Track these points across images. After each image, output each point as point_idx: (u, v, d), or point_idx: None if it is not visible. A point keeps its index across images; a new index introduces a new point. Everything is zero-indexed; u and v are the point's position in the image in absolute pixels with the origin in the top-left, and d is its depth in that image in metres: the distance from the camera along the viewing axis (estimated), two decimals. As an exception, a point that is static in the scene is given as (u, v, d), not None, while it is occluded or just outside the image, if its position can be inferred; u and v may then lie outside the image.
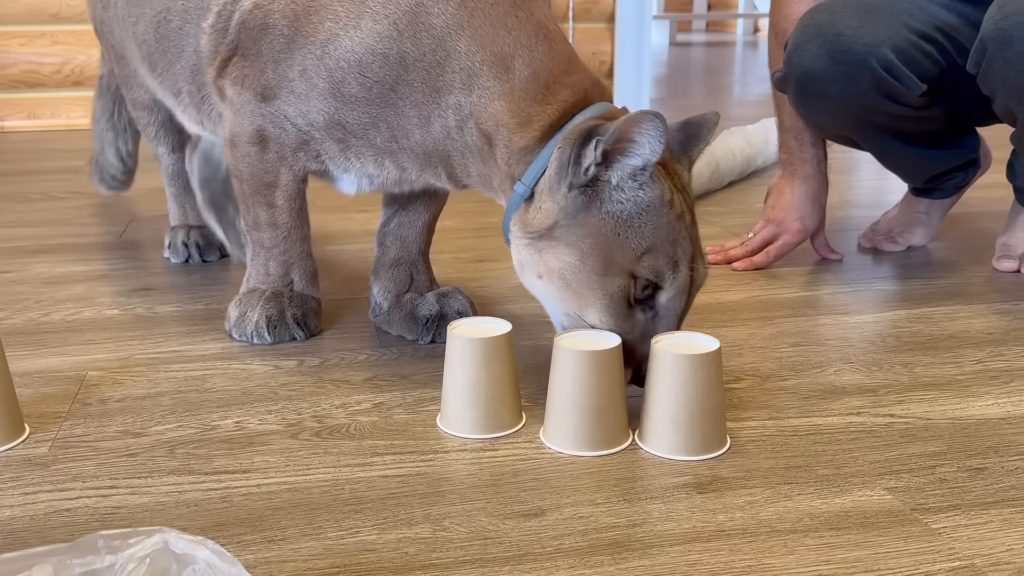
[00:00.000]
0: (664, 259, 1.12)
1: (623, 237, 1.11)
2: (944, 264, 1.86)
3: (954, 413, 1.21)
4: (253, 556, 0.91)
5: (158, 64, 1.52)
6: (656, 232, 1.12)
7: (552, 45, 1.21)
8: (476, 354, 1.14)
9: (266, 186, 1.37)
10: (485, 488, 1.04)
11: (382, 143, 1.27)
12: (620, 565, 0.90)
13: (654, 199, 1.12)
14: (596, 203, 1.12)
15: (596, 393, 1.09)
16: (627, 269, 1.11)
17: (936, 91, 1.65)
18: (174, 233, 1.85)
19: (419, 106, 1.22)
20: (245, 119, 1.33)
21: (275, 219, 1.39)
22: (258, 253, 1.43)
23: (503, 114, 1.18)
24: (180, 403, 1.24)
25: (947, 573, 0.89)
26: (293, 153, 1.33)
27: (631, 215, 1.11)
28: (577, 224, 1.12)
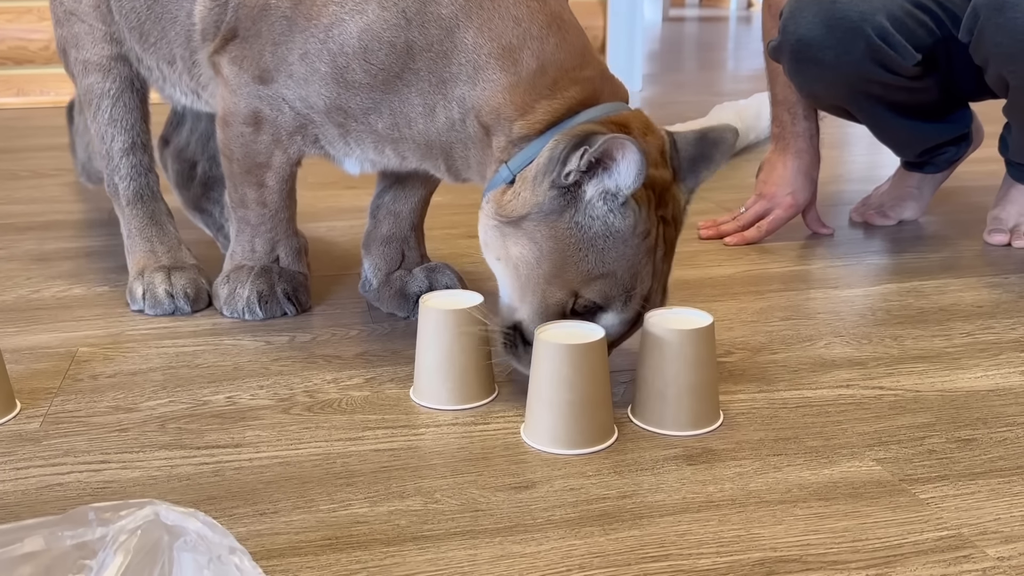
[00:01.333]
0: (618, 289, 1.10)
1: (583, 254, 1.09)
2: (935, 238, 1.86)
3: (943, 385, 1.21)
4: (245, 529, 0.92)
5: (151, 33, 1.45)
6: (618, 261, 1.09)
7: (564, 37, 1.17)
8: (448, 327, 1.14)
9: (257, 167, 1.34)
10: (476, 461, 1.04)
11: (383, 130, 1.24)
12: (610, 536, 0.91)
13: (624, 228, 1.09)
14: (570, 210, 1.09)
15: (577, 389, 1.05)
16: (574, 288, 1.10)
17: (930, 61, 1.65)
18: (148, 280, 1.46)
19: (424, 95, 1.19)
20: (241, 100, 1.30)
21: (264, 198, 1.37)
22: (243, 230, 1.41)
23: (505, 106, 1.15)
24: (171, 379, 1.24)
25: (935, 542, 0.90)
26: (289, 136, 1.30)
27: (597, 236, 1.09)
28: (546, 224, 1.10)
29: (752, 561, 0.87)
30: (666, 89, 4.01)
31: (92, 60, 1.51)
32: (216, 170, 1.69)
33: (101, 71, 1.50)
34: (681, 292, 1.54)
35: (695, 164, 1.17)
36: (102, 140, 1.52)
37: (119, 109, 1.51)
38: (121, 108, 1.51)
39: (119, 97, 1.51)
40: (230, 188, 1.40)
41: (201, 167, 1.70)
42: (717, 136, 1.18)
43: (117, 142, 1.51)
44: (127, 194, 1.53)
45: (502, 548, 0.89)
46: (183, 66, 1.45)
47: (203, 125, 1.68)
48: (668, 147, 1.16)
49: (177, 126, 1.72)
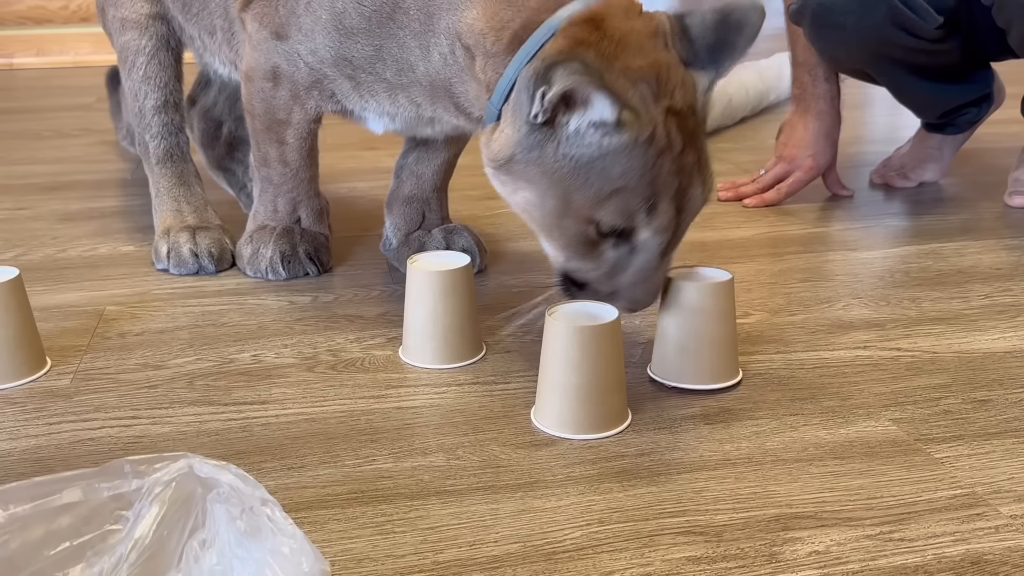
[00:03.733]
0: (637, 200, 1.00)
1: (583, 180, 1.01)
2: (955, 200, 1.85)
3: (960, 347, 1.22)
4: (273, 482, 0.94)
5: (193, 4, 1.47)
6: (626, 175, 0.99)
7: None
8: (434, 287, 1.15)
9: (278, 123, 1.35)
10: (497, 419, 1.06)
11: (392, 77, 1.23)
12: (628, 492, 0.93)
13: (624, 143, 0.99)
14: (552, 143, 1.01)
15: (585, 372, 1.00)
16: (586, 215, 1.02)
17: (952, 24, 1.63)
18: (174, 239, 1.48)
19: (418, 36, 1.18)
20: (261, 55, 1.31)
21: (285, 156, 1.38)
22: (266, 189, 1.42)
23: (479, 21, 1.11)
24: (198, 337, 1.26)
25: (948, 500, 0.91)
26: (306, 91, 1.31)
27: (593, 159, 1.00)
28: (533, 162, 1.03)
29: (768, 517, 0.89)
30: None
31: (130, 18, 1.53)
32: (241, 131, 1.71)
33: (138, 28, 1.52)
34: (699, 254, 1.54)
35: (715, 51, 1.05)
36: (135, 97, 1.55)
37: (154, 66, 1.53)
38: (156, 66, 1.53)
39: (154, 55, 1.52)
40: (253, 147, 1.41)
41: (227, 127, 1.72)
42: (740, 18, 1.05)
43: (150, 99, 1.53)
44: (157, 153, 1.55)
45: (523, 503, 0.91)
46: (223, 36, 1.46)
47: (231, 87, 1.69)
48: (669, 29, 1.05)
49: (205, 86, 1.74)
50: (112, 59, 1.69)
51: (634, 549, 0.85)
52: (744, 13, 1.05)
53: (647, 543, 0.85)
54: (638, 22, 1.05)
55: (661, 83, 1.01)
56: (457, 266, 1.17)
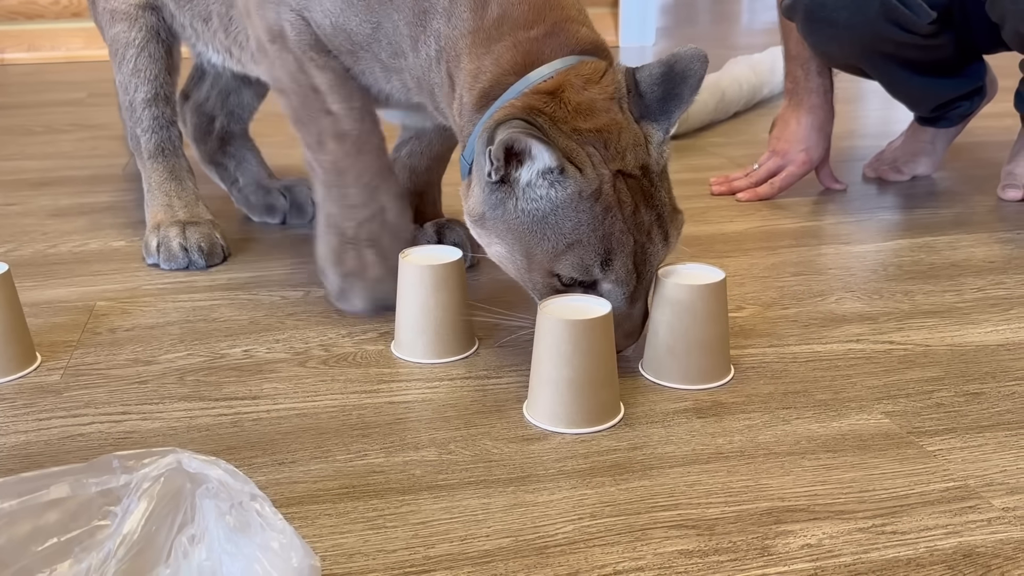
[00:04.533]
0: (591, 255, 1.04)
1: (540, 235, 1.05)
2: (948, 193, 1.85)
3: (953, 340, 1.22)
4: (264, 478, 0.94)
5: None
6: (577, 229, 1.03)
7: None
8: (425, 281, 1.15)
9: (312, 90, 1.23)
10: (489, 414, 1.06)
11: (387, 59, 1.20)
12: (621, 486, 0.93)
13: (570, 196, 1.03)
14: (512, 199, 1.05)
15: (577, 366, 1.00)
16: (548, 268, 1.06)
17: (945, 19, 1.63)
18: (164, 234, 1.47)
19: (410, 25, 1.15)
20: (257, 17, 1.26)
21: (338, 128, 1.23)
22: (332, 182, 1.25)
23: (464, 57, 1.11)
24: (188, 332, 1.25)
25: (941, 493, 0.91)
26: (314, 49, 1.22)
27: (546, 214, 1.04)
28: (500, 219, 1.07)
29: (760, 510, 0.89)
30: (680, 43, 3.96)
31: (119, 9, 1.50)
32: (233, 126, 1.70)
33: (128, 20, 1.50)
34: (693, 247, 1.54)
35: (664, 103, 1.08)
36: (125, 90, 1.53)
37: (144, 59, 1.50)
38: (146, 58, 1.50)
39: (144, 47, 1.50)
40: (302, 133, 1.26)
41: (219, 122, 1.70)
42: (683, 68, 1.07)
43: (140, 92, 1.51)
44: (148, 147, 1.54)
45: (515, 497, 0.91)
46: (219, 22, 1.42)
47: (224, 81, 1.68)
48: (625, 89, 1.08)
49: (198, 81, 1.72)
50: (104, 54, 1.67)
51: (626, 543, 0.84)
52: (687, 63, 1.07)
53: (639, 537, 0.85)
54: (595, 90, 1.07)
55: (610, 146, 1.05)
56: (449, 260, 1.16)
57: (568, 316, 1.01)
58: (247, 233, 1.63)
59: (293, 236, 1.61)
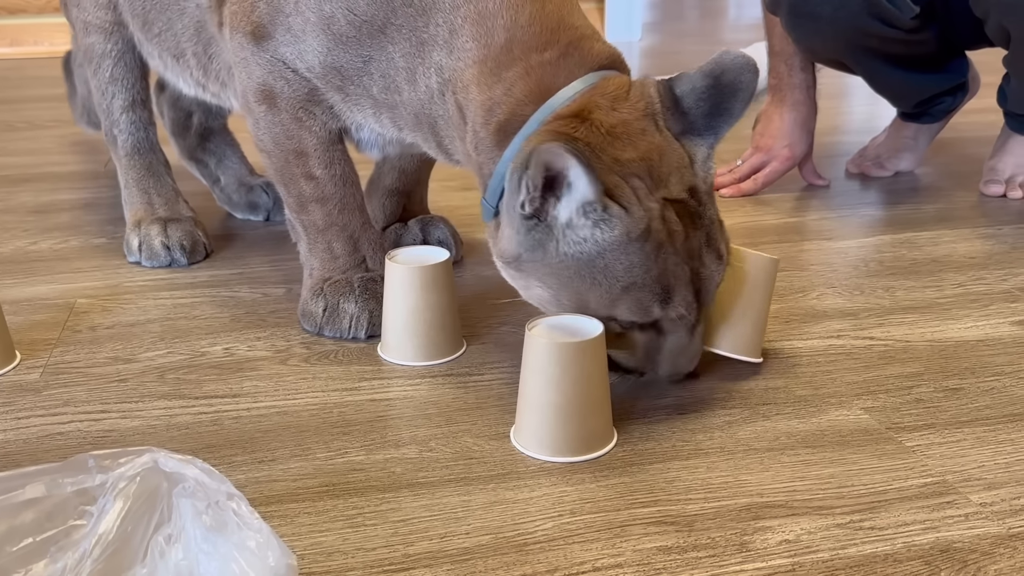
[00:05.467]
0: (649, 296, 0.97)
1: (590, 280, 0.98)
2: (931, 189, 1.86)
3: (933, 335, 1.23)
4: (244, 476, 0.93)
5: (155, 22, 1.38)
6: (630, 272, 0.97)
7: (543, 8, 1.05)
8: (415, 283, 1.14)
9: (296, 156, 1.21)
10: (471, 411, 1.06)
11: (378, 94, 1.15)
12: (600, 482, 0.93)
13: (618, 238, 0.96)
14: (552, 242, 0.98)
15: (564, 391, 0.95)
16: (603, 314, 0.99)
17: (928, 14, 1.64)
18: (145, 231, 1.47)
19: (407, 57, 1.10)
20: (245, 73, 1.21)
21: (321, 192, 1.22)
22: (315, 239, 1.25)
23: (473, 85, 1.05)
24: (169, 330, 1.25)
25: (919, 488, 0.91)
26: (305, 110, 1.19)
27: (593, 257, 0.97)
28: (539, 262, 0.99)
29: (739, 506, 0.89)
30: (666, 38, 3.98)
31: (92, 22, 1.48)
32: (211, 121, 1.68)
33: (102, 33, 1.47)
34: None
35: (711, 118, 1.02)
36: (103, 95, 1.51)
37: (120, 68, 1.49)
38: (122, 68, 1.49)
39: (120, 58, 1.48)
40: (283, 193, 1.25)
41: (197, 117, 1.69)
42: (732, 80, 1.00)
43: (118, 99, 1.50)
44: (125, 147, 1.52)
45: (495, 494, 0.91)
46: (196, 62, 1.36)
47: None
48: (660, 106, 1.02)
49: None
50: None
51: (605, 539, 0.85)
52: (736, 75, 1.00)
53: (618, 533, 0.85)
54: (625, 110, 1.01)
55: (654, 175, 0.99)
56: (437, 261, 1.16)
57: (557, 338, 0.96)
58: (229, 229, 1.62)
59: (276, 233, 1.60)
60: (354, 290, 1.23)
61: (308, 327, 1.24)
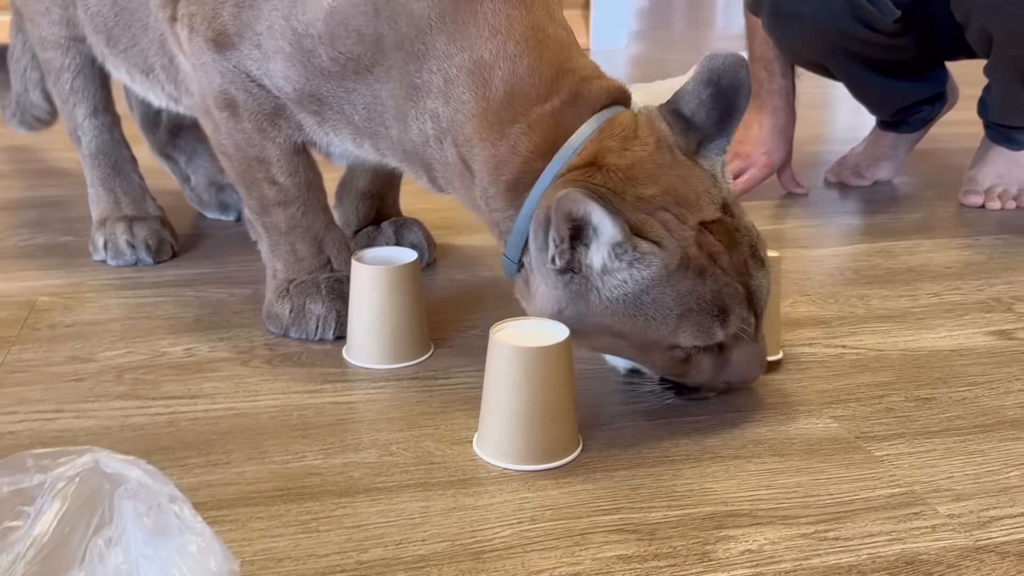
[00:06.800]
0: (706, 318, 0.96)
1: (644, 319, 0.96)
2: (910, 199, 1.85)
3: (906, 344, 1.21)
4: (196, 479, 0.91)
5: (120, 39, 1.34)
6: (681, 299, 0.95)
7: (541, 56, 1.02)
8: (380, 284, 1.12)
9: (258, 161, 1.17)
10: (434, 415, 1.04)
11: (361, 123, 1.11)
12: (563, 489, 0.91)
13: (657, 273, 0.95)
14: (592, 291, 0.97)
15: (526, 397, 0.92)
16: (666, 344, 0.98)
17: (909, 18, 1.64)
18: (110, 230, 1.45)
19: (397, 99, 1.07)
20: (204, 78, 1.16)
21: (284, 197, 1.19)
22: (278, 242, 1.22)
23: (476, 140, 1.03)
24: (131, 329, 1.22)
25: (886, 499, 0.90)
26: (271, 122, 1.15)
27: (638, 296, 0.95)
28: (583, 315, 0.98)
29: (703, 515, 0.87)
30: (652, 46, 3.98)
31: (48, 38, 1.45)
32: (181, 117, 1.66)
33: (59, 49, 1.45)
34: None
35: (722, 122, 1.01)
36: (64, 103, 1.49)
37: (80, 80, 1.46)
38: (82, 79, 1.46)
39: (79, 71, 1.46)
40: (244, 195, 1.23)
41: (166, 113, 1.66)
42: (731, 80, 1.00)
43: (80, 108, 1.48)
44: (89, 147, 1.50)
45: (455, 500, 0.89)
46: (165, 75, 1.33)
47: None
48: (669, 131, 1.01)
49: None
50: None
51: (565, 548, 0.83)
52: (732, 74, 1.00)
53: (578, 541, 0.83)
54: (637, 146, 1.00)
55: (682, 203, 0.97)
56: (404, 262, 1.14)
57: (520, 342, 0.93)
58: (199, 228, 1.60)
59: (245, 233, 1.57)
60: (320, 291, 1.21)
61: (273, 329, 1.22)
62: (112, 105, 1.52)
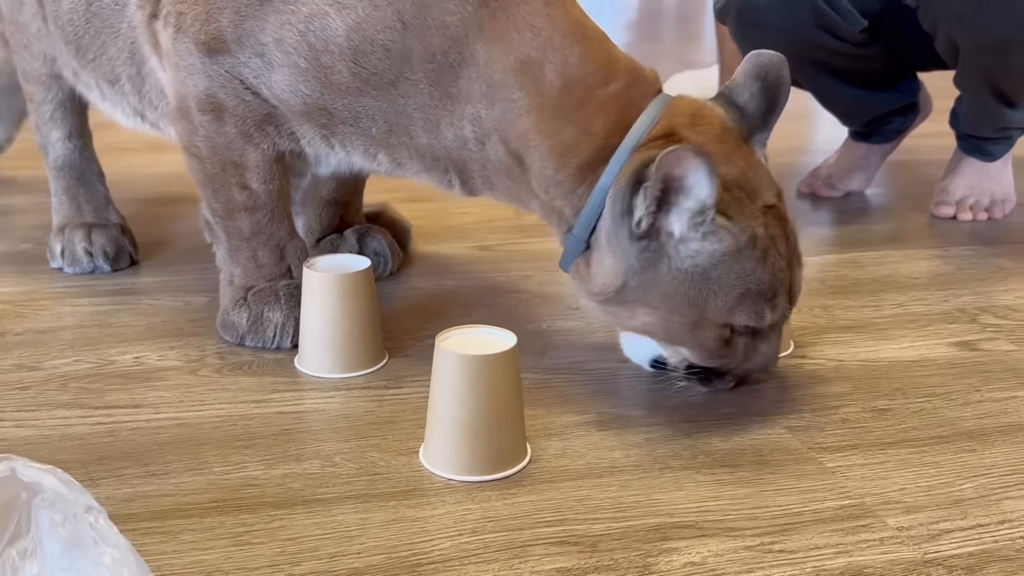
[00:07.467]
0: (761, 300, 0.99)
1: (706, 294, 0.99)
2: (882, 210, 1.84)
3: (866, 355, 1.20)
4: (132, 490, 0.89)
5: (89, 48, 1.30)
6: (744, 278, 0.98)
7: (589, 48, 1.05)
8: (332, 291, 1.10)
9: (233, 166, 1.15)
10: (383, 425, 1.02)
11: (378, 134, 1.10)
12: (507, 500, 0.89)
13: (729, 247, 0.97)
14: (664, 260, 0.98)
15: (471, 407, 0.91)
16: (720, 322, 1.00)
17: (877, 28, 1.63)
18: (68, 237, 1.43)
19: (425, 109, 1.07)
20: (188, 79, 1.12)
21: (253, 202, 1.17)
22: (238, 247, 1.19)
23: (533, 133, 1.04)
24: (81, 337, 1.20)
25: (835, 511, 0.88)
26: (258, 128, 1.13)
27: (707, 269, 0.98)
28: (648, 284, 0.99)
29: (647, 527, 0.85)
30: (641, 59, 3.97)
31: (31, 72, 1.46)
32: None
33: (41, 84, 1.46)
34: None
35: (767, 116, 1.06)
36: (42, 126, 1.49)
37: (59, 112, 1.47)
38: (61, 111, 1.47)
39: (60, 105, 1.47)
40: (208, 197, 1.18)
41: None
42: (776, 77, 1.06)
43: (55, 132, 1.48)
44: (57, 161, 1.49)
45: (395, 512, 0.87)
46: (131, 86, 1.30)
47: None
48: (728, 119, 1.05)
49: None
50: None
51: (504, 560, 0.81)
52: (777, 71, 1.06)
53: (518, 554, 0.82)
54: (705, 127, 1.03)
55: (751, 185, 1.01)
56: (357, 269, 1.12)
57: (465, 350, 0.91)
58: (160, 236, 1.58)
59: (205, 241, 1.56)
60: (279, 299, 1.19)
61: (229, 337, 1.20)
62: (87, 130, 1.51)
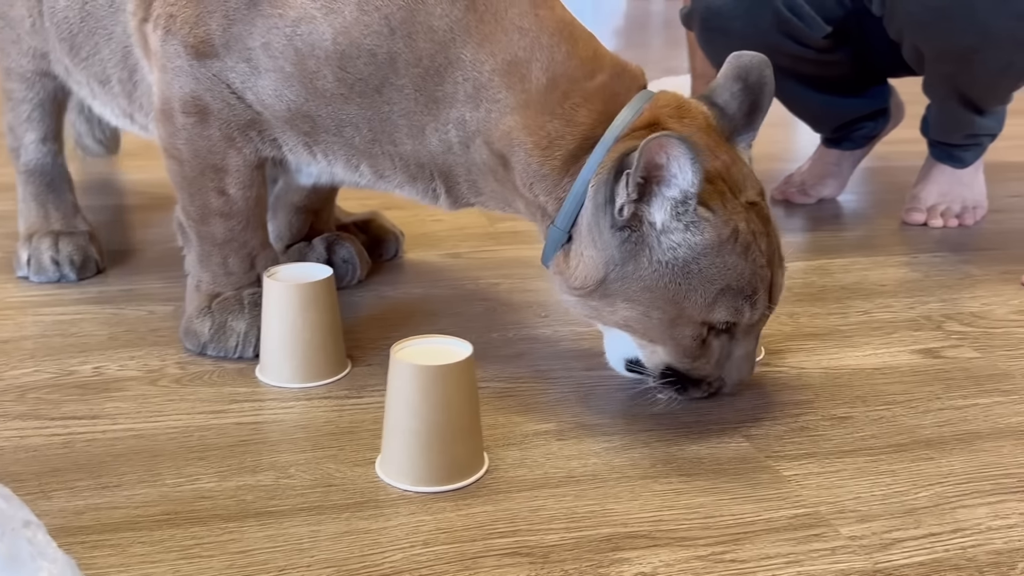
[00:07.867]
0: (740, 297, 0.99)
1: (686, 287, 0.99)
2: (854, 216, 1.85)
3: (829, 363, 1.20)
4: (84, 502, 0.89)
5: (82, 47, 1.30)
6: (724, 273, 0.98)
7: (575, 45, 1.06)
8: (293, 301, 1.09)
9: (213, 170, 1.15)
10: (340, 435, 1.02)
11: (361, 144, 1.11)
12: (462, 511, 0.89)
13: (711, 240, 0.98)
14: (645, 251, 0.99)
15: (424, 417, 0.90)
16: (699, 319, 1.00)
17: (841, 34, 1.64)
18: (35, 245, 1.41)
19: (410, 115, 1.07)
20: (175, 81, 1.12)
21: (229, 208, 1.17)
22: (210, 252, 1.19)
23: (518, 131, 1.04)
24: (42, 347, 1.20)
25: (789, 520, 0.88)
26: (242, 133, 1.13)
27: (688, 262, 0.98)
28: (629, 277, 1.00)
29: (600, 537, 0.85)
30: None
31: (15, 69, 1.44)
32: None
33: (24, 82, 1.44)
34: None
35: (750, 117, 1.07)
36: (16, 127, 1.47)
37: (37, 113, 1.46)
38: (39, 112, 1.46)
39: (39, 105, 1.46)
40: (184, 200, 1.18)
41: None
42: (758, 78, 1.06)
43: (30, 135, 1.47)
44: (28, 165, 1.48)
45: (348, 524, 0.87)
46: (120, 88, 1.30)
47: None
48: (712, 116, 1.06)
49: None
50: None
51: (454, 572, 0.81)
52: (759, 71, 1.06)
53: (469, 565, 0.81)
54: (688, 122, 1.03)
55: (734, 180, 1.02)
56: (318, 278, 1.12)
57: (420, 360, 0.91)
58: (129, 244, 1.57)
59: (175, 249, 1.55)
60: (244, 308, 1.19)
61: (190, 346, 1.19)
62: (61, 134, 1.51)
